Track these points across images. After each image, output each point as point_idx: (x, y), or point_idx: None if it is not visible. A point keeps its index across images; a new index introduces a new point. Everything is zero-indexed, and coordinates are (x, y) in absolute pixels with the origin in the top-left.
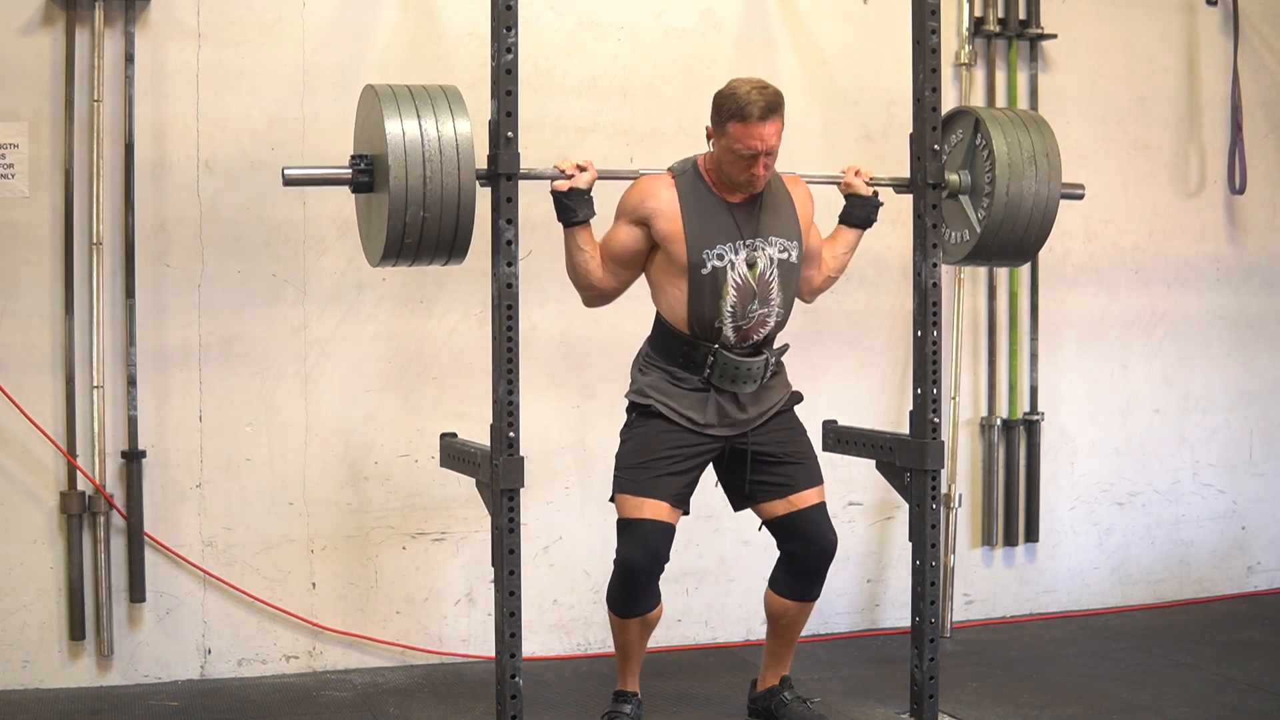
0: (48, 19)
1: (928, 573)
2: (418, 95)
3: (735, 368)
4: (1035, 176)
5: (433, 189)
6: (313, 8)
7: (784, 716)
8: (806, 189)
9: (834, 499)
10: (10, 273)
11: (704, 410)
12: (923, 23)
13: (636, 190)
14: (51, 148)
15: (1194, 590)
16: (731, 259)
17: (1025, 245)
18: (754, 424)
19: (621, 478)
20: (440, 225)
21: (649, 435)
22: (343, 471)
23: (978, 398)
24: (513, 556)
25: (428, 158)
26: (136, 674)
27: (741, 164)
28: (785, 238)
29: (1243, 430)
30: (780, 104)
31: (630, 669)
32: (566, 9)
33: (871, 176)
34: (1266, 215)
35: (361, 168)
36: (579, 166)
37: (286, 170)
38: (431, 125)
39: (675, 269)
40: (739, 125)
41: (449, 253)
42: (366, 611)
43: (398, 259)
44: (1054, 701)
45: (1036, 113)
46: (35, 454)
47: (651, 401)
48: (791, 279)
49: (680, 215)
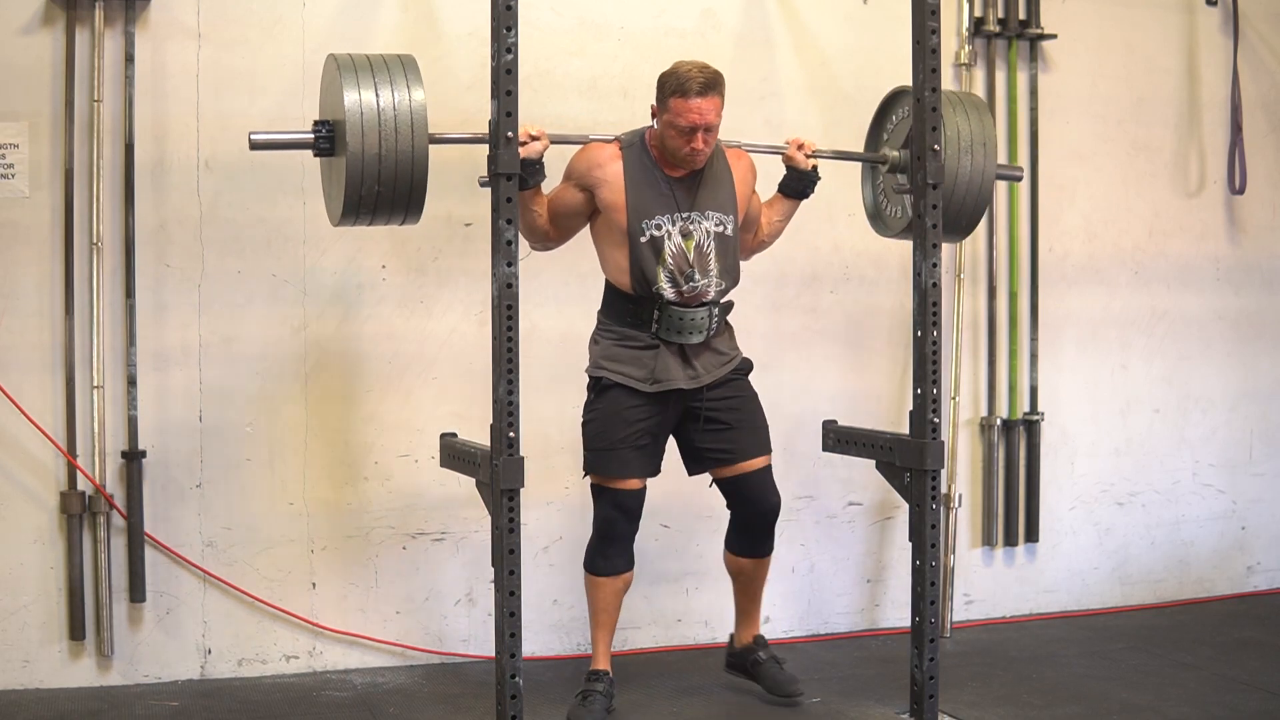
0: (48, 19)
1: (928, 573)
2: (375, 64)
3: (680, 318)
4: (971, 157)
5: (387, 152)
6: (313, 8)
7: (758, 675)
8: (749, 163)
9: (834, 499)
10: (10, 273)
11: (654, 366)
12: (923, 23)
13: (584, 157)
14: (51, 148)
15: (1194, 590)
16: (669, 229)
17: (960, 223)
18: (704, 381)
19: (591, 459)
20: (395, 186)
21: (608, 413)
22: (343, 471)
23: (978, 398)
24: (513, 556)
25: (383, 123)
26: (136, 674)
27: (682, 139)
28: (721, 211)
29: (1243, 430)
30: (719, 83)
31: (602, 642)
32: (566, 9)
33: (815, 149)
34: (1266, 215)
35: (323, 133)
36: (532, 135)
37: (253, 135)
38: (388, 93)
39: (616, 235)
40: (679, 100)
41: (405, 212)
42: (366, 611)
43: (356, 218)
44: (1054, 701)
45: (976, 95)
46: (35, 454)
47: (604, 373)
48: (729, 250)
49: (624, 187)
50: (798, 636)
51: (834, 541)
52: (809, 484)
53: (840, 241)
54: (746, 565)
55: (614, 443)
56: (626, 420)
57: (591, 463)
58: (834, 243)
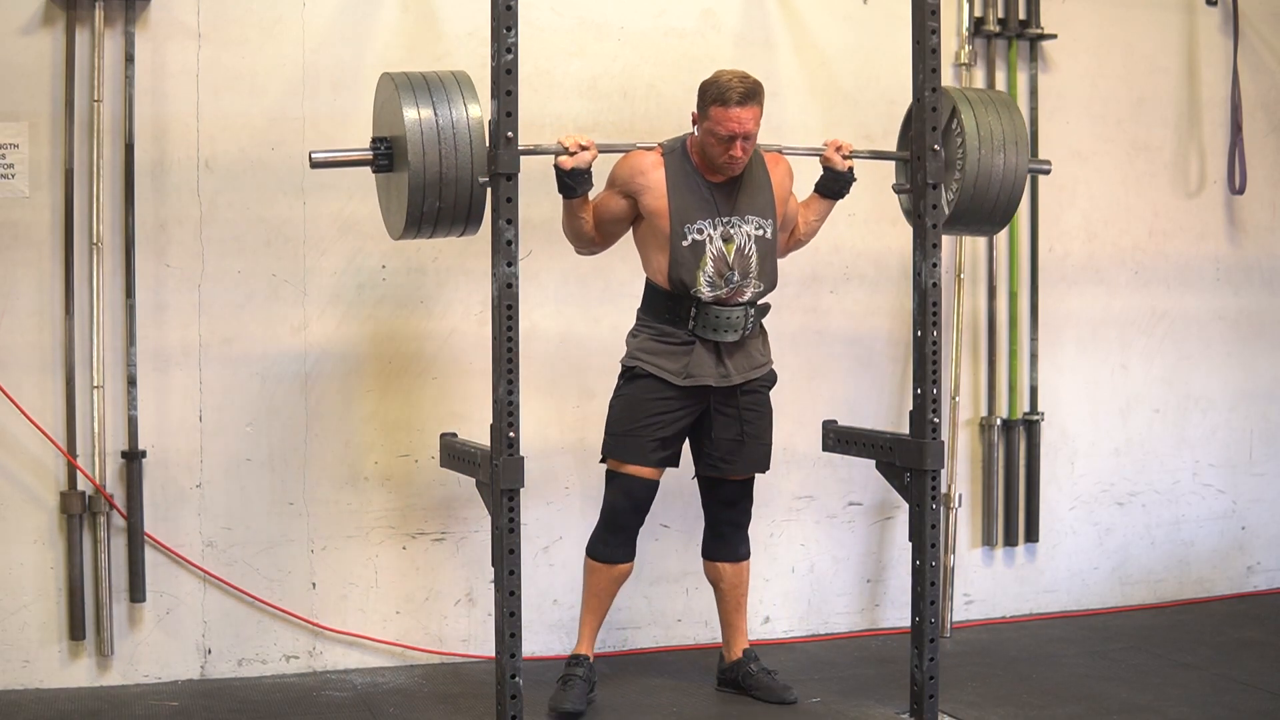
0: (48, 19)
1: (928, 573)
2: (431, 81)
3: (717, 316)
4: (1004, 154)
5: (448, 169)
6: (313, 8)
7: (751, 688)
8: (787, 166)
9: (834, 499)
10: (10, 273)
11: (689, 361)
12: (923, 23)
13: (627, 165)
14: (51, 148)
15: (1194, 590)
16: (710, 233)
17: (995, 218)
18: (733, 382)
19: (610, 442)
20: (455, 202)
21: (635, 399)
22: (343, 471)
23: (978, 398)
24: (513, 556)
25: (443, 140)
26: (136, 674)
27: (721, 146)
28: (761, 215)
29: (1243, 430)
30: (759, 93)
31: (589, 626)
32: (566, 9)
33: (852, 150)
34: (1266, 215)
35: (382, 150)
36: (581, 145)
37: (314, 154)
38: (445, 109)
39: (659, 239)
40: (719, 109)
41: (465, 224)
42: (366, 611)
43: (418, 231)
44: (1054, 701)
45: (1005, 93)
46: (35, 454)
47: (638, 363)
48: (769, 253)
49: (666, 193)
50: (798, 636)
51: (834, 541)
52: (809, 484)
53: (840, 241)
54: (727, 571)
55: (635, 428)
56: (651, 409)
57: (610, 446)
58: (834, 243)
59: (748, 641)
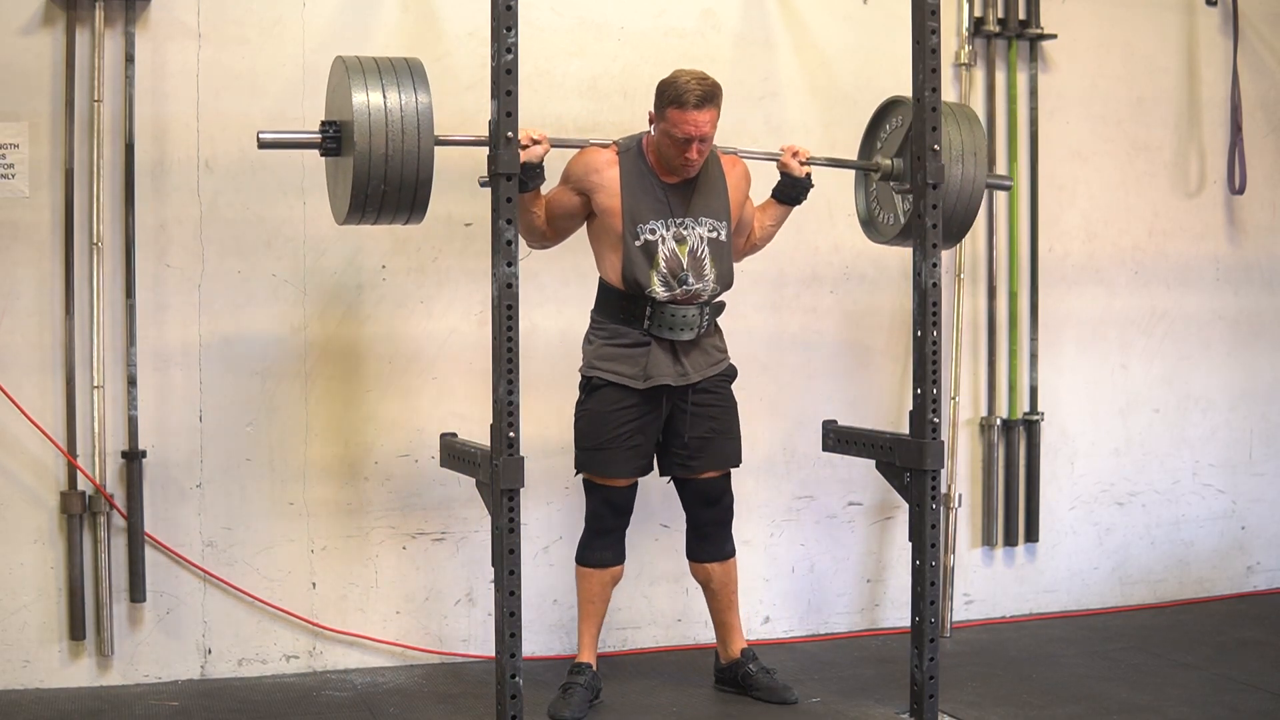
0: (48, 19)
1: (928, 573)
2: (383, 66)
3: (672, 315)
4: (963, 165)
5: (394, 152)
6: (313, 8)
7: (751, 687)
8: (744, 169)
9: (834, 499)
10: (10, 273)
11: (646, 363)
12: (923, 23)
13: (581, 162)
14: (51, 148)
15: (1194, 590)
16: (663, 234)
17: (950, 229)
18: (691, 380)
19: (583, 458)
20: (400, 186)
21: (599, 413)
22: (343, 471)
23: (978, 398)
24: (513, 556)
25: (390, 124)
26: (136, 674)
27: (677, 148)
28: (715, 218)
29: (1243, 430)
30: (718, 95)
31: (588, 634)
32: (566, 9)
33: (809, 157)
34: (1266, 215)
35: (330, 133)
36: (533, 139)
37: (261, 134)
38: (395, 94)
39: (612, 238)
40: (677, 111)
41: (409, 211)
42: (366, 611)
43: (361, 216)
44: (1054, 701)
45: (968, 106)
46: (35, 454)
47: (596, 373)
48: (723, 255)
49: (620, 192)
50: (798, 636)
51: (834, 541)
52: (809, 484)
53: (840, 241)
54: (714, 571)
55: (604, 442)
56: (617, 420)
57: (582, 461)
58: (834, 243)
59: (744, 639)
